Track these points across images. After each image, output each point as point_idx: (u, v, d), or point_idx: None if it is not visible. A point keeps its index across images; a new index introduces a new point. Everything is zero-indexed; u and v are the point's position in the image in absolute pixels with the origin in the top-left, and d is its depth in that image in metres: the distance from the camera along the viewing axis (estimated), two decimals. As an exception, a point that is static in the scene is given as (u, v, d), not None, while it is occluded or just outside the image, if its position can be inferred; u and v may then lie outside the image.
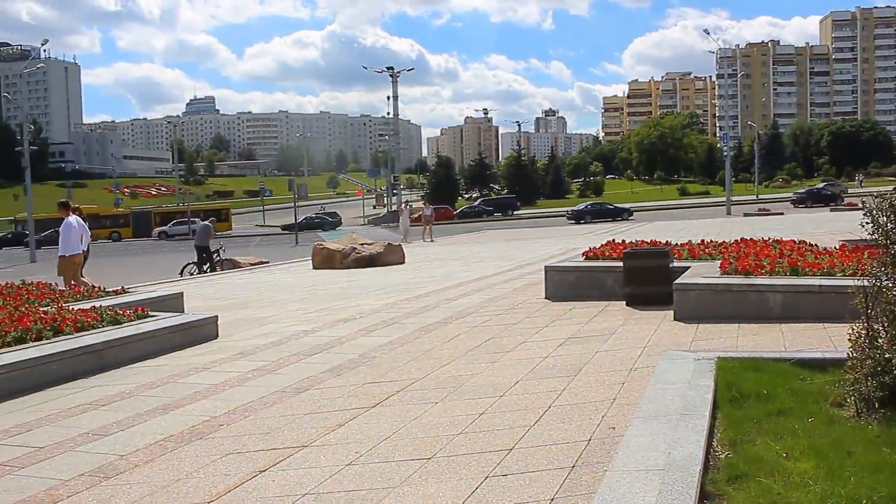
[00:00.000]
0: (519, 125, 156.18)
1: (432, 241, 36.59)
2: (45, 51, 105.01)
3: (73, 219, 14.48)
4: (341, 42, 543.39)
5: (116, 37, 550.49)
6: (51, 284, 11.78)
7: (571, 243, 25.99)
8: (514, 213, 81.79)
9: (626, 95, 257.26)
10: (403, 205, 38.32)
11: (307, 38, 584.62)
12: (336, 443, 5.11)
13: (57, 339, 8.01)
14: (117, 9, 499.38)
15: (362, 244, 23.34)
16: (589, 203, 74.56)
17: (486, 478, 4.28)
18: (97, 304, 9.63)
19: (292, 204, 60.59)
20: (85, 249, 14.88)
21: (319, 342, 8.92)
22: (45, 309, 9.28)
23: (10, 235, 75.51)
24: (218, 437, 5.38)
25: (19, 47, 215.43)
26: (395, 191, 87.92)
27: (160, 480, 4.60)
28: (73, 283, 13.23)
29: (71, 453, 5.24)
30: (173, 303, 11.37)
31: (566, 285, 11.55)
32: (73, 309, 9.24)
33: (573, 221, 61.47)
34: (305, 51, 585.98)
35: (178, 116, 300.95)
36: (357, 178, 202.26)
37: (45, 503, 4.37)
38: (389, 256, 22.47)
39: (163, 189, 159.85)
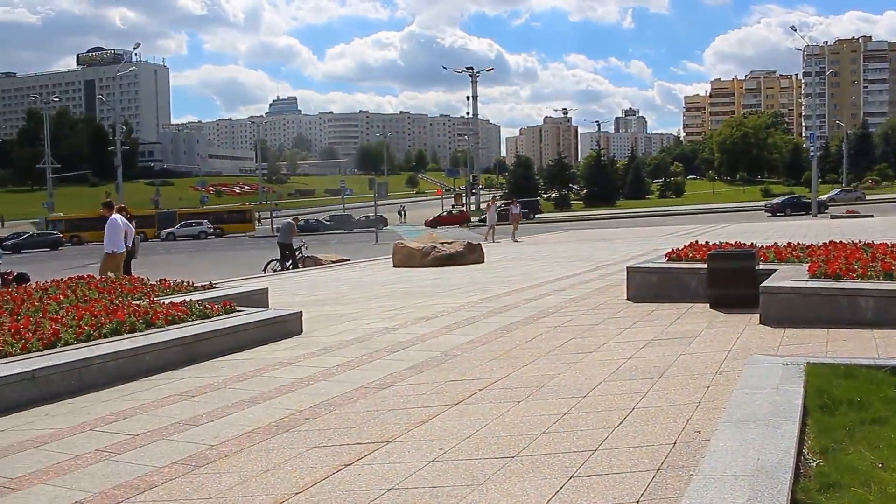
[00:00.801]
0: (598, 125, 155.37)
1: (517, 240, 35.59)
2: (136, 54, 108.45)
3: (116, 217, 14.97)
4: (420, 42, 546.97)
5: (203, 40, 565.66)
6: (142, 279, 12.15)
7: (652, 244, 25.65)
8: (536, 216, 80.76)
9: (707, 94, 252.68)
10: (490, 202, 37.54)
11: (387, 38, 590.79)
12: (419, 439, 5.16)
13: (149, 331, 8.28)
14: (204, 13, 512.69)
15: (442, 243, 23.44)
16: (787, 196, 74.40)
17: (570, 478, 4.27)
18: (187, 299, 9.92)
19: (373, 203, 61.24)
20: (129, 247, 15.33)
21: (401, 339, 9.01)
22: (138, 302, 9.60)
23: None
24: (304, 431, 5.49)
25: (113, 51, 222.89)
26: (473, 190, 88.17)
27: (249, 470, 4.72)
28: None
29: (164, 441, 5.42)
30: (258, 298, 11.61)
31: (648, 286, 11.42)
32: (164, 303, 9.53)
33: (770, 214, 61.18)
34: (385, 51, 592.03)
35: (261, 117, 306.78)
36: (436, 177, 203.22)
37: (141, 488, 4.52)
38: (469, 256, 22.52)
39: (246, 187, 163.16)
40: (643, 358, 7.36)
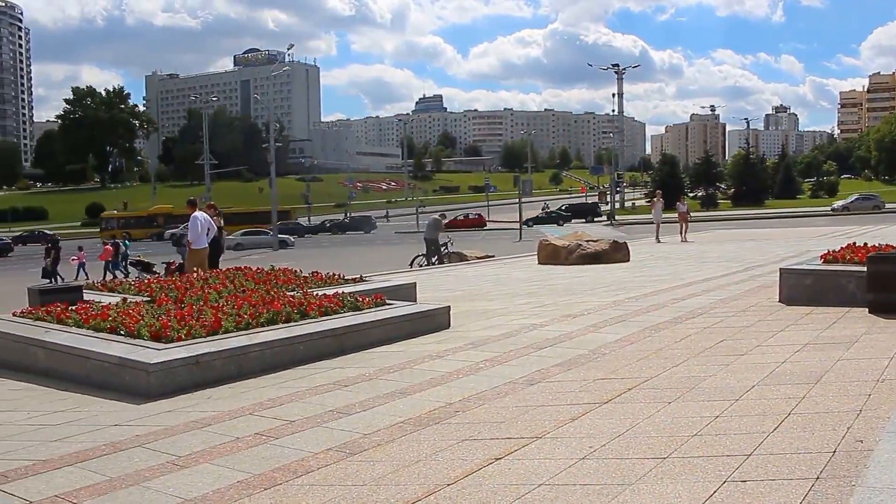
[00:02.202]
0: (747, 122, 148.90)
1: (686, 240, 32.66)
2: (289, 55, 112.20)
3: (197, 215, 15.68)
4: (563, 40, 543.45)
5: (351, 40, 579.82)
6: (295, 271, 12.59)
7: (803, 245, 24.57)
8: (595, 218, 78.69)
9: (865, 90, 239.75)
10: (656, 197, 35.74)
11: (530, 36, 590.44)
12: (569, 436, 5.13)
13: (303, 322, 8.58)
14: (352, 14, 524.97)
15: (587, 241, 23.22)
16: None
17: (724, 482, 4.15)
18: (339, 291, 10.21)
19: (517, 200, 61.29)
20: (219, 242, 16.15)
21: (548, 336, 8.98)
22: (292, 294, 9.95)
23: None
24: (454, 423, 5.56)
25: (267, 52, 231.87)
26: (618, 188, 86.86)
27: (401, 460, 4.82)
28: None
29: (319, 428, 5.60)
30: (407, 292, 11.84)
31: (802, 289, 10.93)
32: (317, 294, 9.85)
33: None
34: (528, 49, 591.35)
35: (407, 114, 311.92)
36: (580, 175, 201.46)
37: (298, 472, 4.70)
38: (614, 254, 22.20)
39: (392, 184, 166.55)
40: (798, 362, 7.06)
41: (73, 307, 9.35)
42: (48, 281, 32.36)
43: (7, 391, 7.66)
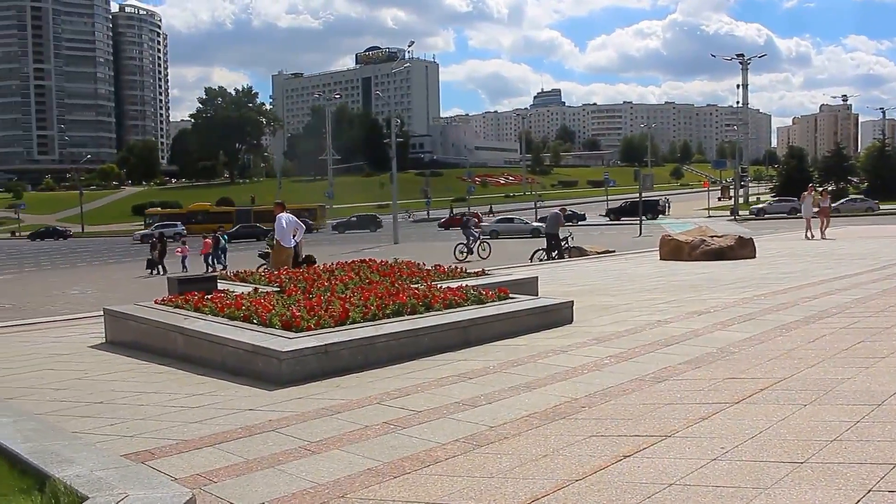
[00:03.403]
0: (883, 112, 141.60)
1: (825, 237, 30.67)
2: (409, 52, 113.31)
3: (282, 216, 16.17)
4: (684, 31, 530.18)
5: (468, 36, 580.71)
6: (418, 264, 12.75)
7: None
8: (664, 215, 74.76)
9: None
10: (808, 192, 33.18)
11: (648, 28, 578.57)
12: (699, 436, 5.01)
13: (428, 314, 8.68)
14: (469, 10, 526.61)
15: (712, 237, 22.61)
16: None
17: (869, 491, 3.96)
18: (463, 284, 10.28)
19: (637, 194, 60.32)
20: (297, 242, 16.41)
21: (674, 333, 8.80)
22: (416, 286, 10.08)
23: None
24: (580, 419, 5.52)
25: (387, 50, 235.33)
26: (742, 182, 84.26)
27: (528, 454, 4.82)
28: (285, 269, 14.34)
29: (444, 420, 5.66)
30: (529, 286, 11.81)
31: (949, 289, 10.36)
32: (441, 287, 9.95)
33: None
34: (647, 41, 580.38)
35: (525, 109, 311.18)
36: (702, 169, 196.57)
37: (426, 462, 4.76)
38: (740, 250, 21.53)
39: (510, 179, 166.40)
40: (947, 367, 6.70)
41: (209, 296, 9.74)
42: (151, 272, 34.30)
43: (152, 374, 8.05)
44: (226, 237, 39.31)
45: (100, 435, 5.66)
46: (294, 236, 16.43)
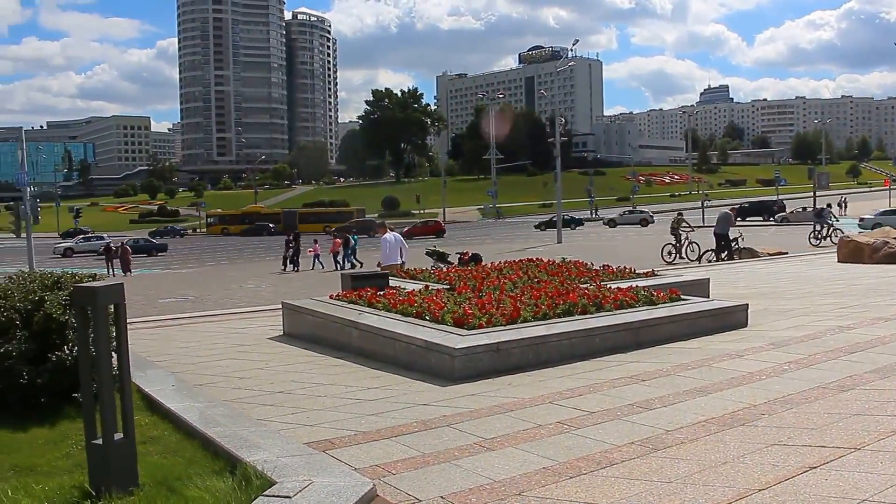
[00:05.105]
0: None
1: None
2: (572, 50, 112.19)
3: (389, 235, 17.05)
4: (860, 20, 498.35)
5: (631, 33, 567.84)
6: (587, 264, 12.65)
7: None
8: (776, 217, 66.50)
9: None
10: None
11: (821, 18, 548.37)
12: (892, 450, 4.74)
13: (599, 314, 8.62)
14: (632, 6, 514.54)
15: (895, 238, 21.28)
16: None
17: None
18: (633, 285, 10.13)
19: (811, 193, 57.53)
20: (403, 261, 16.72)
21: (858, 340, 8.34)
22: (586, 286, 10.02)
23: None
24: (760, 426, 5.34)
25: (550, 49, 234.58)
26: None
27: (707, 460, 4.70)
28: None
29: (619, 421, 5.61)
30: (699, 287, 11.51)
31: None
32: (611, 287, 9.85)
33: None
34: (819, 32, 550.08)
35: (691, 106, 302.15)
36: (882, 166, 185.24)
37: (602, 463, 4.73)
38: (929, 253, 20.15)
39: (675, 177, 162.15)
40: None
41: (381, 292, 10.04)
42: (286, 268, 35.79)
43: (328, 366, 8.38)
44: (356, 238, 40.22)
45: (282, 423, 5.95)
46: (400, 254, 16.97)
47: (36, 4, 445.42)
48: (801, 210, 66.15)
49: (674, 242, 26.88)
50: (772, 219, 67.56)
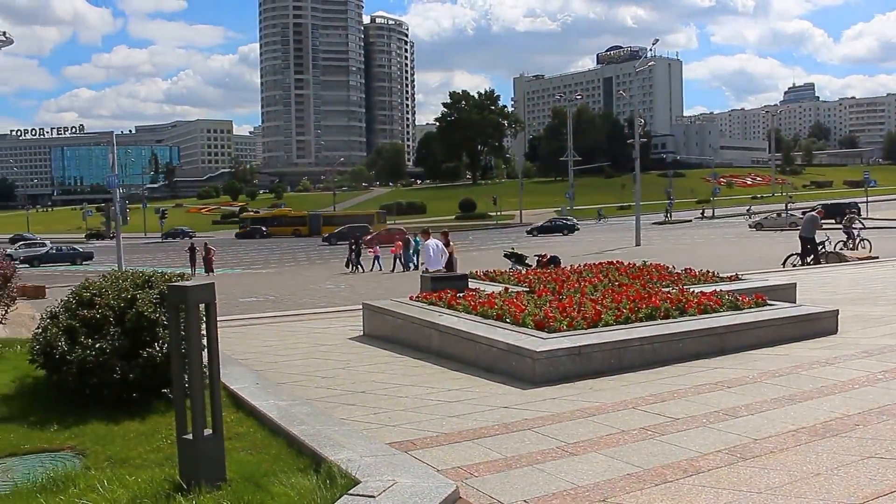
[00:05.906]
0: None
1: None
2: (651, 50, 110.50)
3: (430, 242, 17.74)
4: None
5: (711, 32, 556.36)
6: (668, 267, 12.43)
7: None
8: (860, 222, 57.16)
9: None
10: None
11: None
12: None
13: (682, 318, 8.46)
14: (712, 4, 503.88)
15: None
16: None
17: None
18: (717, 289, 9.92)
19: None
20: (443, 267, 17.37)
21: (957, 349, 8.03)
22: (668, 290, 9.85)
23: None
24: (854, 437, 5.16)
25: (629, 49, 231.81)
26: None
27: (798, 471, 4.56)
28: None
29: (704, 429, 5.49)
30: (785, 293, 11.22)
31: None
32: (694, 291, 9.66)
33: None
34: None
35: (775, 105, 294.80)
36: None
37: (688, 471, 4.64)
38: None
39: (758, 179, 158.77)
40: None
41: (461, 294, 10.04)
42: (349, 269, 37.55)
43: (409, 367, 8.43)
44: (418, 240, 40.46)
45: (364, 423, 6.00)
46: (443, 258, 17.52)
47: (126, 14, 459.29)
48: (775, 216, 63.69)
49: (844, 240, 27.42)
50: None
